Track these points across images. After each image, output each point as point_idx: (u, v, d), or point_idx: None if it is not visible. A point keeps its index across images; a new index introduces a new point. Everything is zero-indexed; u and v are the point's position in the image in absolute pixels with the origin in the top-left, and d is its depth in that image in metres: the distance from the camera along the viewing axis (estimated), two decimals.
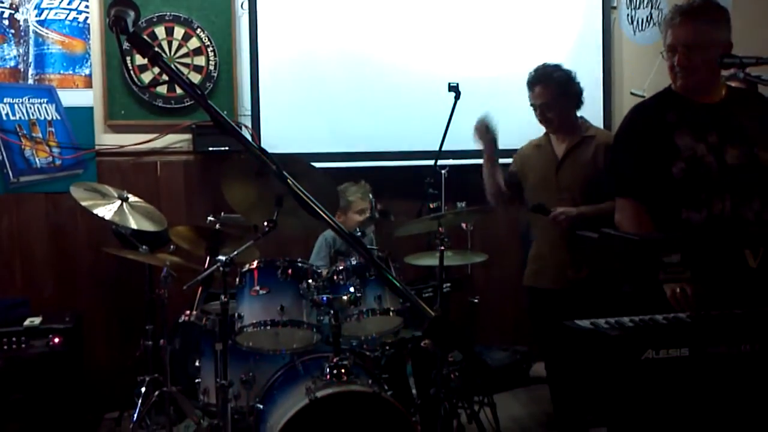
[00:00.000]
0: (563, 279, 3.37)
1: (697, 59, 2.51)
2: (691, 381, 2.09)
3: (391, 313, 3.05)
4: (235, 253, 2.89)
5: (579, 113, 3.51)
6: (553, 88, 3.39)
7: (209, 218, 3.67)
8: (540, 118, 3.47)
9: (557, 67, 3.45)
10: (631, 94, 5.04)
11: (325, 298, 2.92)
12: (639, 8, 5.10)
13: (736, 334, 2.07)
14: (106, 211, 3.52)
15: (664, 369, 2.04)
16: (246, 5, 4.47)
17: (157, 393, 3.52)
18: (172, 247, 3.59)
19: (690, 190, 2.50)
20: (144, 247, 3.60)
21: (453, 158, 4.30)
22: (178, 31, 4.35)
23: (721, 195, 2.48)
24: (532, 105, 3.48)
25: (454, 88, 3.88)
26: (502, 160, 3.68)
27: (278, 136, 4.47)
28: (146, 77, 4.28)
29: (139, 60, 4.23)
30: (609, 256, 2.17)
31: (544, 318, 3.50)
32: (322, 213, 1.40)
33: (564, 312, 3.24)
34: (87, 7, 4.24)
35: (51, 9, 4.18)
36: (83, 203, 3.52)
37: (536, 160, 3.55)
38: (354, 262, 3.09)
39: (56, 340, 3.75)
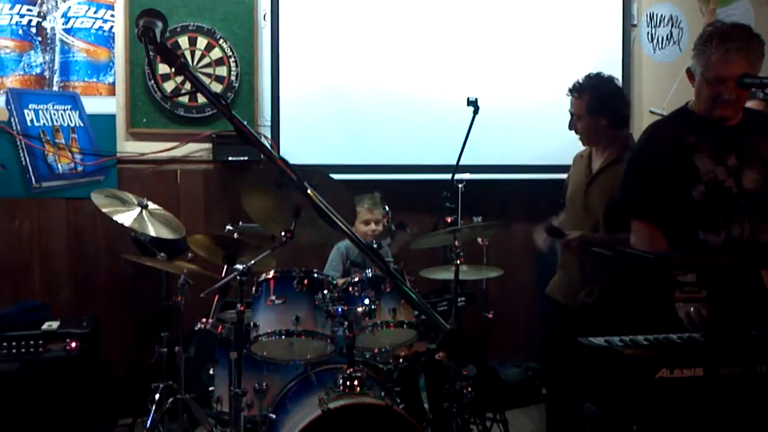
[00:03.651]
0: (576, 299, 3.34)
1: (744, 93, 2.48)
2: (705, 401, 2.08)
3: (405, 326, 3.05)
4: (252, 262, 2.91)
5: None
6: (584, 100, 3.29)
7: (227, 227, 3.70)
8: (570, 128, 3.39)
9: (605, 80, 3.34)
10: (651, 112, 5.04)
11: (340, 310, 2.93)
12: (659, 26, 5.10)
13: (752, 355, 2.07)
14: (126, 217, 3.55)
15: (678, 389, 2.04)
16: (268, 17, 4.52)
17: (170, 400, 3.53)
18: (189, 255, 3.61)
19: (709, 212, 2.47)
20: (162, 254, 3.63)
21: (470, 172, 4.31)
22: (201, 42, 4.40)
23: (740, 218, 2.46)
24: (569, 111, 3.42)
25: (473, 103, 3.89)
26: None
27: (297, 147, 4.50)
28: (168, 86, 4.33)
29: (162, 69, 4.29)
30: (624, 274, 2.17)
31: (553, 331, 3.48)
32: (341, 224, 1.42)
33: (572, 332, 3.24)
34: (113, 16, 4.30)
35: (77, 18, 4.25)
36: (103, 209, 3.55)
37: (576, 170, 3.48)
38: (370, 274, 3.10)
39: (73, 344, 3.79)
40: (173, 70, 1.47)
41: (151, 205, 3.71)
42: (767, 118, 2.74)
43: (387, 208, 3.95)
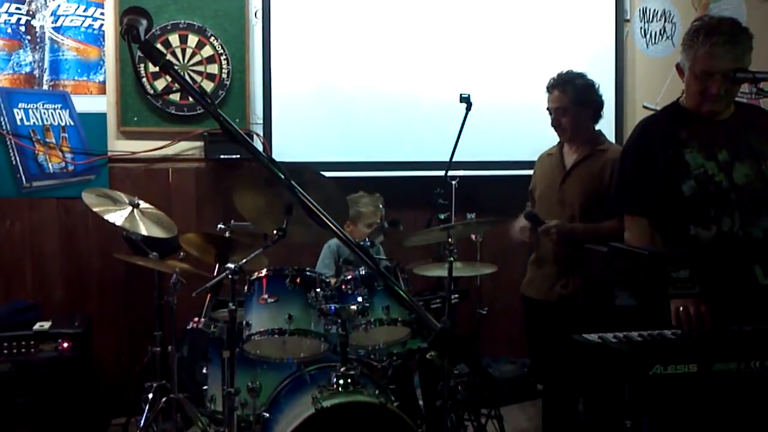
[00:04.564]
0: (553, 292, 3.36)
1: (734, 87, 2.48)
2: (699, 397, 2.08)
3: (398, 324, 3.04)
4: (244, 261, 2.89)
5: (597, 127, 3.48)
6: (570, 94, 3.33)
7: (219, 226, 3.68)
8: (554, 124, 3.40)
9: (580, 75, 3.39)
10: (644, 107, 5.04)
11: (333, 308, 2.91)
12: (652, 21, 5.10)
13: (746, 351, 2.06)
14: (117, 216, 3.53)
15: (672, 385, 2.03)
16: (259, 14, 4.50)
17: (164, 399, 3.53)
18: (181, 254, 3.60)
19: (699, 207, 2.47)
20: (154, 253, 3.61)
21: (463, 169, 4.31)
22: (192, 39, 4.38)
23: (730, 212, 2.46)
24: (548, 109, 3.41)
25: (466, 99, 3.87)
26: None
27: (289, 145, 4.49)
28: (159, 84, 4.31)
29: (153, 67, 4.25)
30: (617, 270, 2.16)
31: (536, 328, 3.50)
32: (329, 222, 1.41)
33: (554, 325, 3.27)
34: (102, 14, 4.28)
35: (67, 16, 4.22)
36: (95, 209, 3.53)
37: (546, 169, 3.52)
38: (362, 272, 3.09)
39: (65, 344, 3.77)
40: (158, 68, 1.46)
41: (143, 204, 3.70)
42: (759, 112, 2.73)
43: (381, 206, 3.94)
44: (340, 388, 2.82)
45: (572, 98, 3.33)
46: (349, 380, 2.84)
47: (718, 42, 2.40)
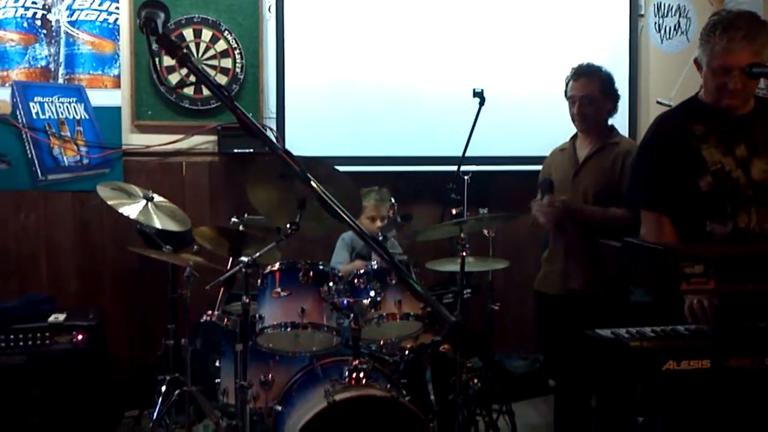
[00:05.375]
0: (564, 287, 3.36)
1: (752, 82, 2.45)
2: (712, 394, 2.07)
3: (410, 318, 3.05)
4: (258, 254, 2.90)
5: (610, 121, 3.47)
6: (597, 83, 3.32)
7: (233, 219, 3.69)
8: (576, 111, 3.34)
9: (601, 68, 3.38)
10: (658, 102, 5.01)
11: (345, 302, 2.92)
12: (667, 16, 5.06)
13: (760, 347, 2.05)
14: (132, 210, 3.55)
15: (685, 381, 2.02)
16: (273, 9, 4.50)
17: (177, 392, 3.55)
18: (195, 247, 3.61)
19: (716, 203, 2.45)
20: (168, 246, 3.63)
21: (476, 164, 4.30)
22: (206, 34, 4.39)
23: (747, 208, 2.44)
24: (571, 97, 3.37)
25: (479, 94, 3.87)
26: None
27: (303, 139, 4.50)
28: (174, 78, 4.32)
29: (167, 61, 4.28)
30: (631, 265, 2.16)
31: (549, 324, 3.49)
32: (345, 216, 1.41)
33: (567, 321, 3.26)
34: (117, 8, 4.30)
35: (82, 10, 4.24)
36: (109, 202, 3.55)
37: (559, 163, 3.51)
38: (375, 266, 3.09)
39: (80, 336, 3.80)
40: (175, 61, 1.46)
41: (157, 198, 3.71)
42: None
43: (393, 200, 3.94)
44: (352, 382, 2.83)
45: (598, 87, 3.33)
46: (361, 374, 2.85)
47: (735, 37, 2.36)
